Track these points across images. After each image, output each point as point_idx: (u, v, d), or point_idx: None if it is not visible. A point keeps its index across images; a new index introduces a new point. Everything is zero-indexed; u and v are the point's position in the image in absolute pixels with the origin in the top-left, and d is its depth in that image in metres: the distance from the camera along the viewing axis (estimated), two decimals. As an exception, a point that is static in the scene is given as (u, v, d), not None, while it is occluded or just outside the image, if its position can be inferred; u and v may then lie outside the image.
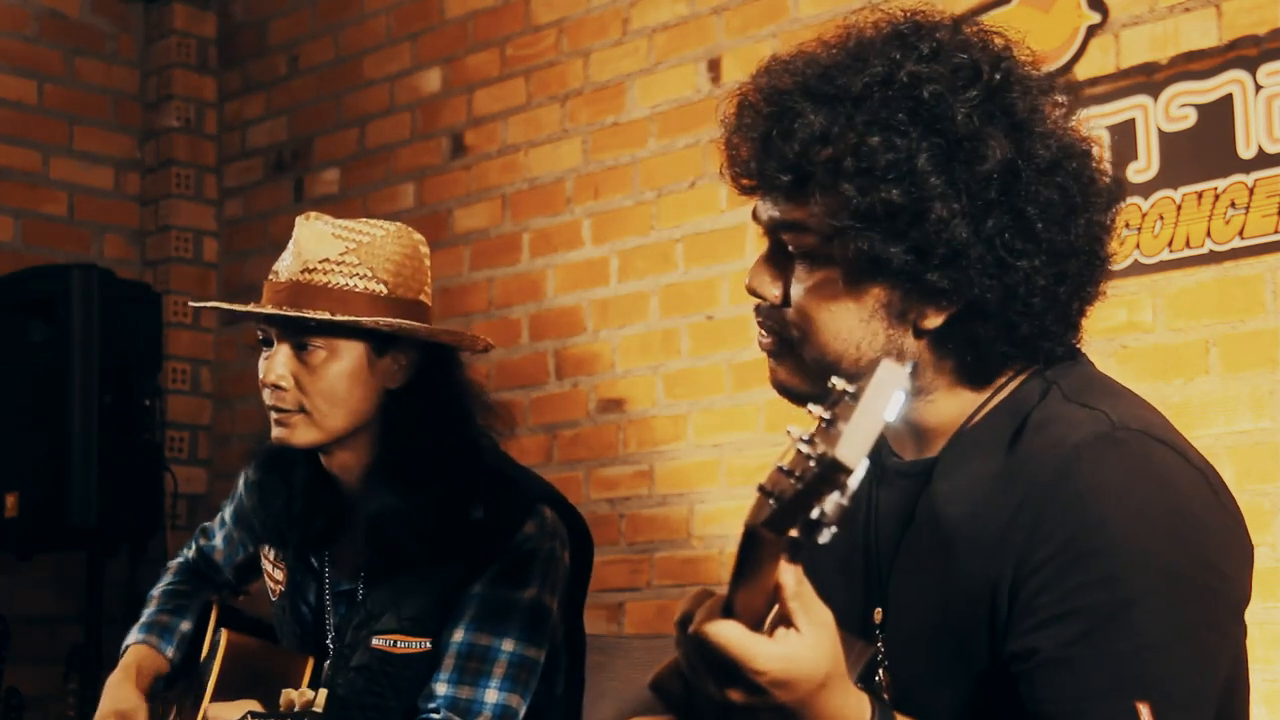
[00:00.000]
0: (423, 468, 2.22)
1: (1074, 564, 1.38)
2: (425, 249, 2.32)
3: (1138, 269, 3.05)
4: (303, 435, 2.23)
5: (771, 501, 1.15)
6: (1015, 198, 1.44)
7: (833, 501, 1.12)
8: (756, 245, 3.61)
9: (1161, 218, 3.03)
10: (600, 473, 3.88)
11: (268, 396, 2.22)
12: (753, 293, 1.56)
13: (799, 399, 1.56)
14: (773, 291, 1.54)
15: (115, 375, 4.00)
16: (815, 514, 1.13)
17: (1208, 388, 2.96)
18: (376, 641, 2.22)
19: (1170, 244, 3.02)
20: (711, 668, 1.25)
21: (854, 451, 1.09)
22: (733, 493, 3.62)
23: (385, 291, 2.21)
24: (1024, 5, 3.27)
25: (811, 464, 1.11)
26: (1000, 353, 1.50)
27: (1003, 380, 1.53)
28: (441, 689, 2.16)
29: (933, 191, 1.42)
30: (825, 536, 1.14)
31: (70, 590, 4.44)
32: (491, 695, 2.16)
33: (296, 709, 2.05)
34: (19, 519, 3.97)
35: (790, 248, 1.52)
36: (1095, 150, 1.53)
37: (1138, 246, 3.05)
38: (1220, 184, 2.96)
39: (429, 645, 2.20)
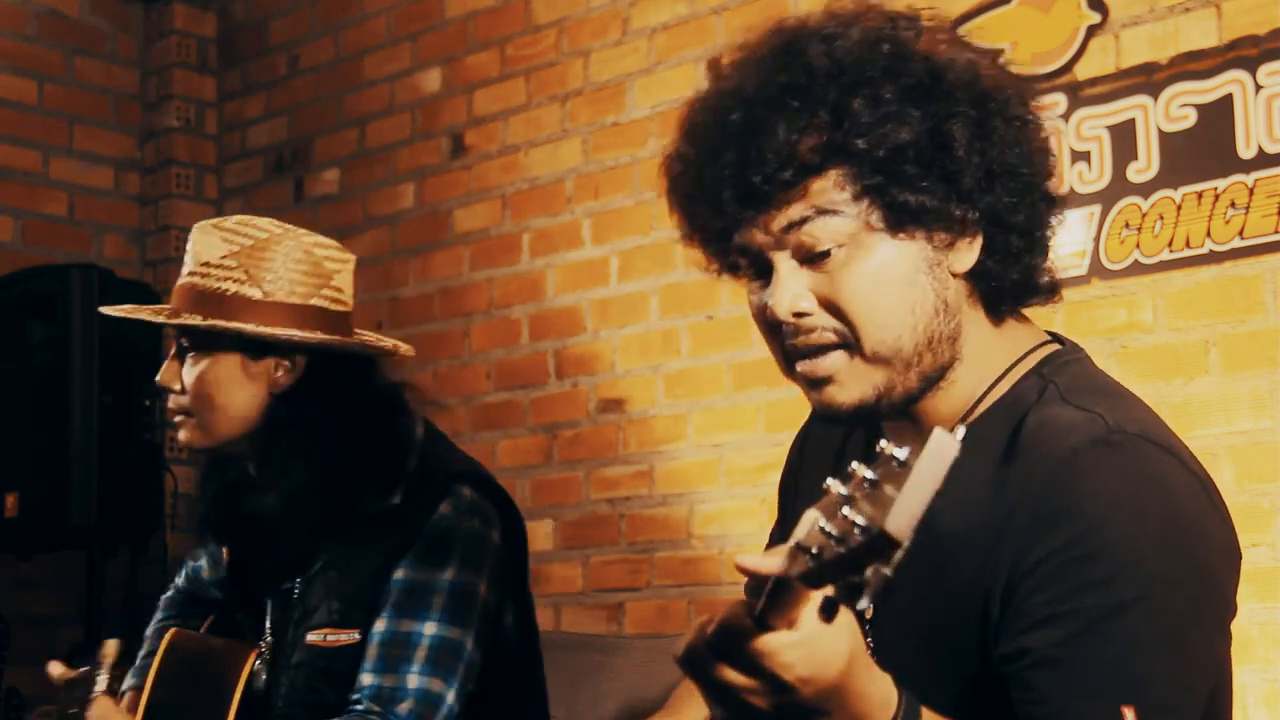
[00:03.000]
0: (303, 467, 2.21)
1: (1068, 567, 1.38)
2: (327, 251, 2.29)
3: (1138, 269, 3.05)
4: (191, 438, 2.29)
5: (809, 559, 1.12)
6: (999, 101, 1.48)
7: (874, 570, 1.09)
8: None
9: (1161, 218, 3.03)
10: (600, 473, 3.88)
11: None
12: (792, 315, 1.50)
13: (870, 415, 1.53)
14: (806, 301, 1.49)
15: (115, 375, 4.00)
16: (855, 579, 1.10)
17: (1208, 388, 2.96)
18: (311, 637, 2.22)
19: (1170, 244, 3.02)
20: (733, 679, 1.23)
21: (904, 525, 1.06)
22: (733, 493, 3.62)
23: (260, 296, 2.21)
24: (1024, 5, 3.27)
25: (857, 532, 1.08)
26: (1023, 269, 1.52)
27: (1005, 364, 1.54)
28: (367, 679, 2.14)
29: (940, 120, 1.44)
30: (863, 603, 1.11)
31: (70, 590, 4.43)
32: (413, 680, 2.13)
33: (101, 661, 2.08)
34: (19, 519, 3.97)
35: (813, 246, 1.47)
36: (1031, 87, 1.57)
37: (1138, 246, 3.05)
38: (1220, 184, 2.96)
39: (358, 636, 2.19)
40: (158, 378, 2.29)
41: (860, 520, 1.08)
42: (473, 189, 4.24)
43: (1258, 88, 2.95)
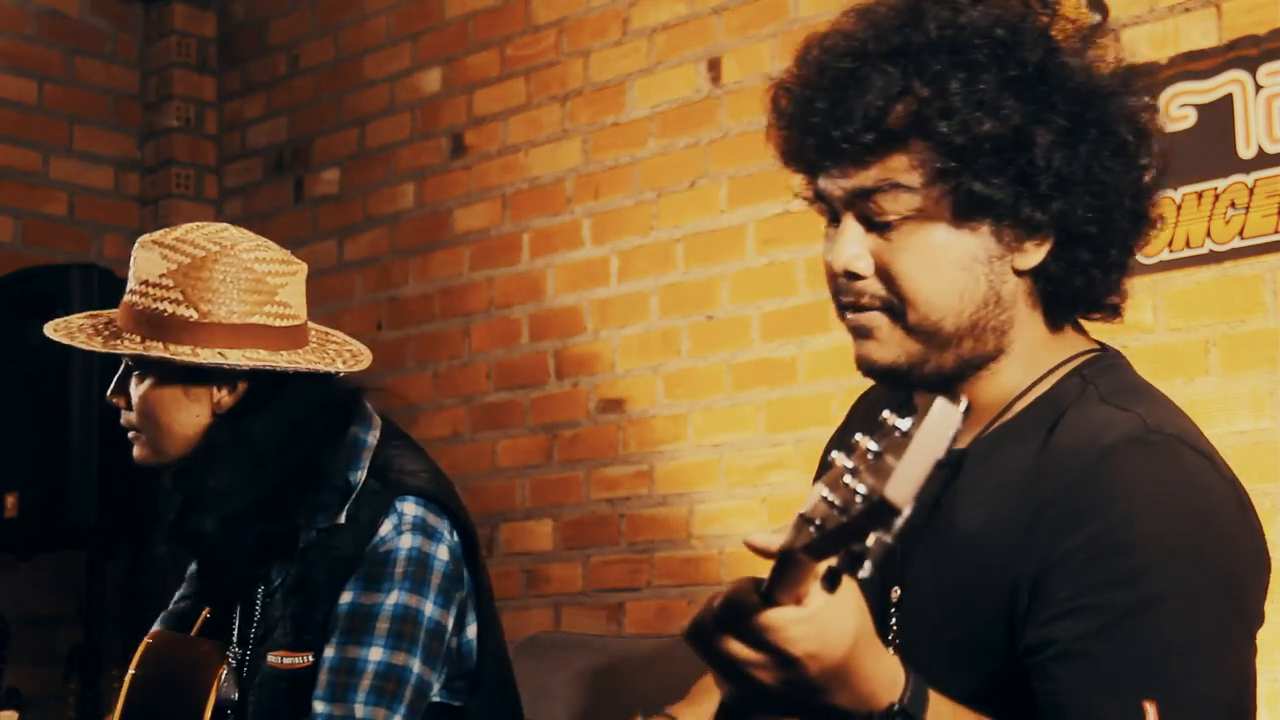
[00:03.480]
0: (242, 490, 2.19)
1: (1097, 559, 1.38)
2: (269, 266, 2.24)
3: (1138, 269, 3.03)
4: (142, 455, 2.29)
5: (812, 530, 1.13)
6: (1100, 115, 1.48)
7: (875, 539, 1.10)
8: (758, 244, 3.61)
9: (1161, 218, 3.02)
10: (600, 473, 3.88)
11: None
12: (845, 274, 1.53)
13: (901, 380, 1.55)
14: (864, 264, 1.52)
15: (115, 375, 4.00)
16: (857, 548, 1.12)
17: (1208, 388, 2.96)
18: (270, 658, 2.21)
19: (1170, 244, 3.01)
20: (738, 652, 1.24)
21: (904, 492, 1.06)
22: (733, 493, 3.62)
23: (197, 317, 2.18)
24: (1024, 5, 3.27)
25: (859, 500, 1.09)
26: (1088, 281, 1.52)
27: (1052, 365, 1.55)
28: (319, 707, 2.13)
29: (1029, 118, 1.44)
30: (865, 571, 1.13)
31: (70, 590, 4.43)
32: (359, 710, 2.12)
33: None
34: (19, 519, 3.97)
35: (878, 214, 1.50)
36: (1133, 79, 1.56)
37: (1138, 246, 3.05)
38: (1220, 184, 2.96)
39: (311, 659, 2.18)
40: (107, 394, 2.28)
41: (861, 489, 1.09)
42: (473, 189, 4.24)
43: (1258, 88, 2.95)
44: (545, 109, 4.09)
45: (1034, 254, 1.51)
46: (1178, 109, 3.03)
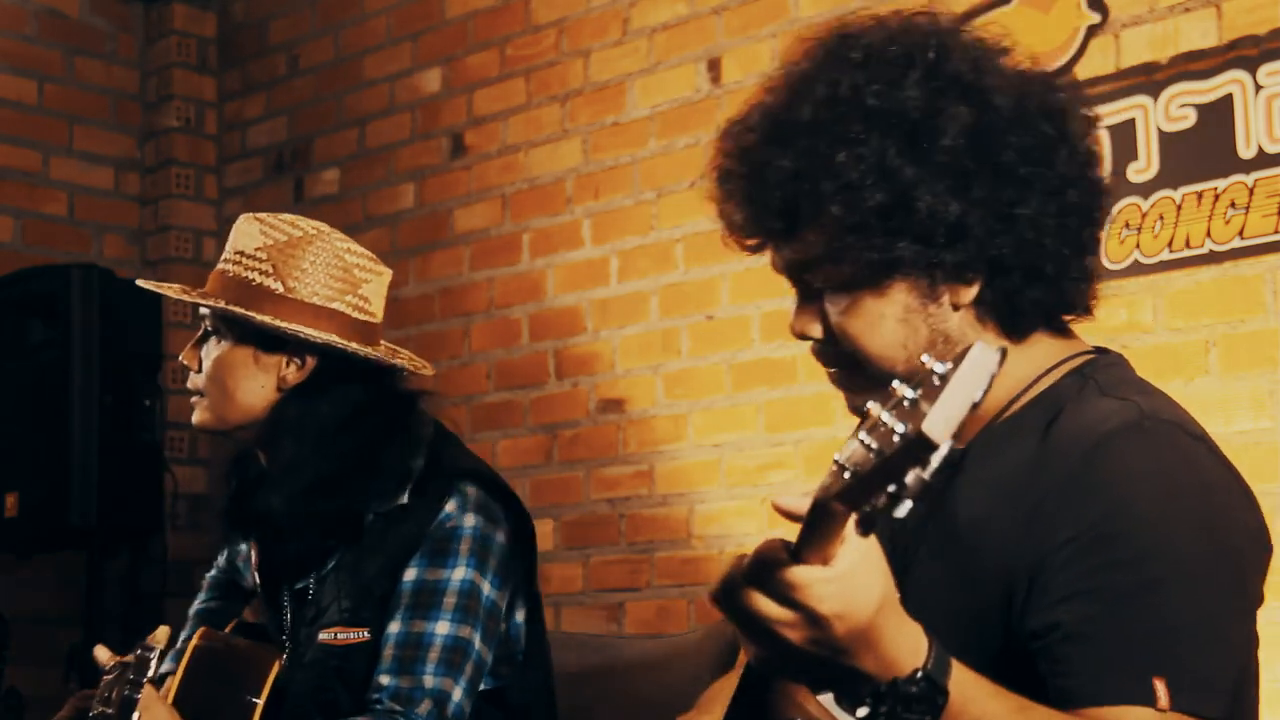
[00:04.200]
0: (309, 466, 2.24)
1: (1098, 544, 1.40)
2: (359, 259, 2.33)
3: (1138, 269, 3.05)
4: (201, 419, 2.33)
5: (847, 475, 1.13)
6: (990, 154, 1.49)
7: (913, 475, 1.10)
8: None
9: (1161, 218, 3.03)
10: (600, 473, 3.88)
11: None
12: (800, 336, 1.61)
13: None
14: (815, 329, 1.59)
15: (115, 375, 4.00)
16: (893, 488, 1.11)
17: (1207, 388, 2.96)
18: (322, 635, 2.25)
19: (1170, 244, 3.02)
20: (766, 609, 1.24)
21: (941, 427, 1.07)
22: (733, 493, 3.62)
23: (283, 291, 2.25)
24: (1024, 5, 3.27)
25: (895, 439, 1.10)
26: (1033, 300, 1.54)
27: (1033, 374, 1.56)
28: (385, 680, 2.18)
29: (912, 181, 1.47)
30: (902, 510, 1.12)
31: (70, 590, 4.43)
32: (429, 681, 2.17)
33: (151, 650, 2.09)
34: (19, 519, 3.97)
35: (811, 285, 1.57)
36: (1057, 84, 1.59)
37: (1138, 246, 3.05)
38: (1220, 184, 2.96)
39: (367, 635, 2.22)
40: (181, 355, 2.35)
41: (899, 427, 1.09)
42: (473, 189, 4.24)
43: (1258, 88, 2.95)
44: (545, 109, 4.09)
45: (966, 292, 1.54)
46: (1178, 109, 3.04)
